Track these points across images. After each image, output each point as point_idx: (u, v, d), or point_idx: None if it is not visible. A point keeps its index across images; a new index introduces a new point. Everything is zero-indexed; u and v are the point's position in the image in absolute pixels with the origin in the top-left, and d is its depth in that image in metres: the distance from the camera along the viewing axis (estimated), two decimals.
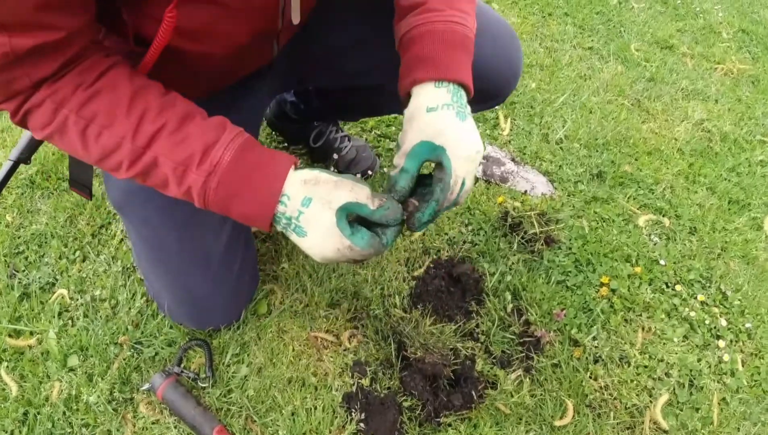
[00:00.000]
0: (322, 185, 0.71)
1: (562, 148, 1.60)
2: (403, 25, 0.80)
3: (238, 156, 0.70)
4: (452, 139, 0.73)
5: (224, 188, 0.70)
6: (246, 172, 0.70)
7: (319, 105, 1.36)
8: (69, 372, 1.15)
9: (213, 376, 1.11)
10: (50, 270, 1.32)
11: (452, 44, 0.77)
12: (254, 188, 0.71)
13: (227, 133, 0.71)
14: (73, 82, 0.68)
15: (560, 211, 1.41)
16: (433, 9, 0.78)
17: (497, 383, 1.14)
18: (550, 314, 1.24)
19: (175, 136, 0.69)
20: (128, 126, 0.69)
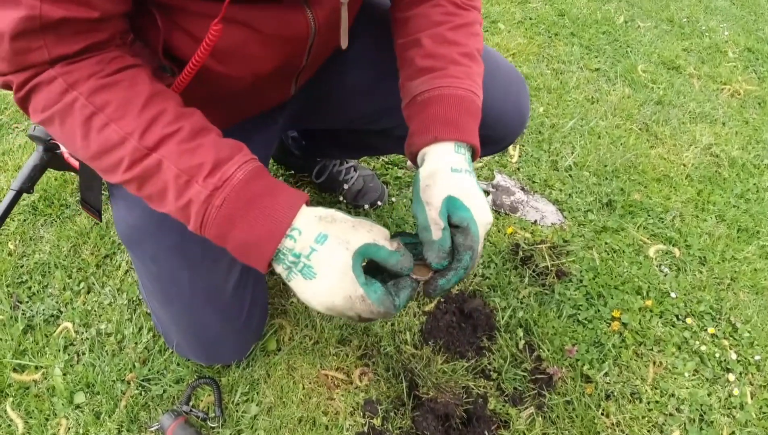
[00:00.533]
0: (339, 224, 0.66)
1: (572, 176, 1.61)
2: (419, 83, 0.81)
3: (250, 177, 0.65)
4: (477, 206, 0.74)
5: (229, 208, 0.64)
6: (255, 197, 0.64)
7: (322, 144, 1.36)
8: (76, 409, 1.15)
9: (222, 415, 1.10)
10: (54, 302, 1.31)
11: (470, 112, 0.79)
12: (263, 214, 0.64)
13: (243, 155, 0.67)
14: (91, 67, 0.64)
15: (571, 242, 1.41)
16: (455, 76, 0.80)
17: (509, 422, 1.14)
18: (562, 350, 1.24)
19: (186, 144, 0.65)
20: (139, 123, 0.64)
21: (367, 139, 1.19)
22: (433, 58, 0.81)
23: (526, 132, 1.72)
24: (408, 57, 0.84)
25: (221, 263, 1.00)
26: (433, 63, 0.81)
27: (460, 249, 0.73)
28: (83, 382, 1.17)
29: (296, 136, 1.40)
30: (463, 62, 0.82)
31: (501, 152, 1.68)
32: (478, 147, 0.79)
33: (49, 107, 0.65)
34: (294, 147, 1.41)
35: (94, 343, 1.22)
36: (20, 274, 1.37)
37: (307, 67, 0.89)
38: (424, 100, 0.80)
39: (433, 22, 0.84)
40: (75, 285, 1.34)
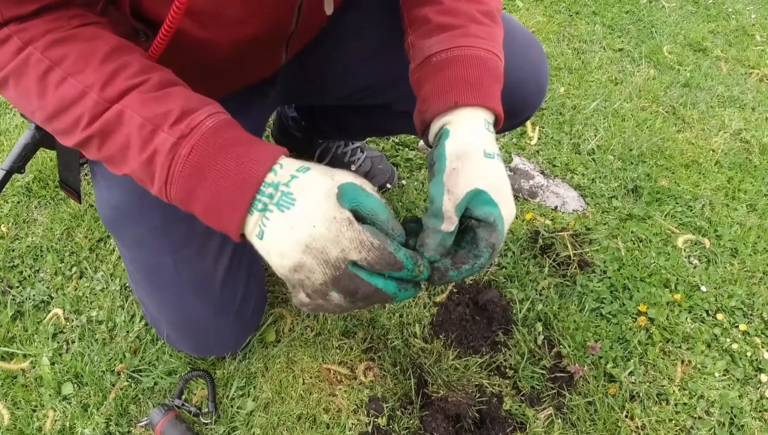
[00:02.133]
0: (323, 167, 0.57)
1: (595, 160, 1.49)
2: (435, 42, 0.69)
3: (221, 126, 0.56)
4: (505, 201, 0.62)
5: (198, 156, 0.54)
6: (228, 145, 0.55)
7: (322, 124, 1.26)
8: (63, 401, 1.07)
9: (216, 411, 1.02)
10: (45, 287, 1.23)
11: (494, 76, 0.68)
12: (237, 161, 0.54)
13: (214, 106, 0.58)
14: (49, 24, 0.57)
15: (594, 230, 1.30)
16: (476, 36, 0.69)
17: (526, 424, 1.04)
18: (584, 346, 1.14)
19: (152, 93, 0.57)
20: (99, 76, 0.56)
21: (369, 116, 1.09)
22: (452, 14, 0.70)
23: (545, 112, 1.61)
24: (420, 14, 0.72)
25: (209, 247, 0.91)
26: (452, 20, 0.69)
27: (481, 244, 0.61)
28: (71, 372, 1.09)
29: (296, 116, 1.30)
30: (485, 21, 0.71)
31: (519, 129, 1.57)
32: (501, 116, 0.67)
33: (2, 68, 0.57)
34: (294, 128, 1.31)
35: (84, 331, 1.14)
36: (12, 258, 1.29)
37: (297, 33, 0.79)
38: (441, 61, 0.68)
39: None
40: (67, 269, 1.26)
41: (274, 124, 1.40)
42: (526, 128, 1.56)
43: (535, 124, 1.57)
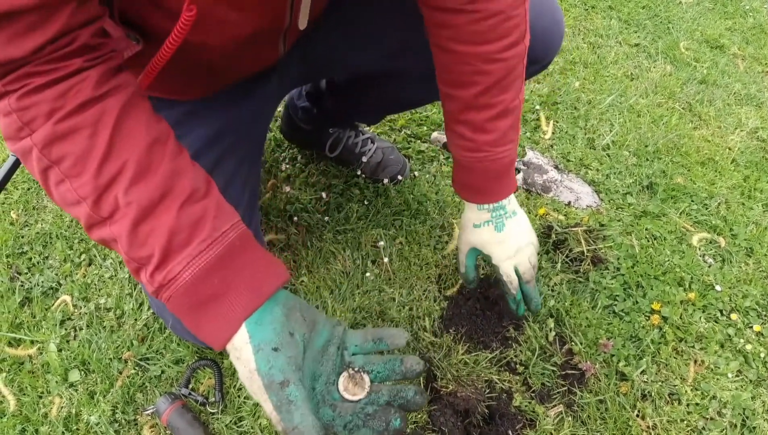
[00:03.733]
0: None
1: (609, 156, 1.47)
2: (455, 147, 0.92)
3: (197, 278, 0.56)
4: (494, 250, 0.98)
5: (174, 306, 0.58)
6: (199, 303, 0.57)
7: (333, 105, 1.25)
8: (69, 388, 1.07)
9: (223, 400, 1.01)
10: (54, 274, 1.23)
11: (497, 176, 0.92)
12: (206, 321, 0.58)
13: (198, 243, 0.57)
14: (49, 104, 0.54)
15: (608, 226, 1.28)
16: (484, 150, 0.88)
17: (536, 421, 1.02)
18: (596, 344, 1.12)
19: (138, 227, 0.56)
20: (93, 187, 0.56)
21: (386, 88, 1.10)
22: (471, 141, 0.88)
23: (560, 107, 1.59)
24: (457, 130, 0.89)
25: None
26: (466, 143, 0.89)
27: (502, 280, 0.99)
28: (79, 359, 1.09)
29: (306, 105, 1.28)
30: (492, 127, 0.86)
31: (533, 123, 1.56)
32: (503, 198, 0.95)
33: (10, 141, 0.57)
34: (304, 120, 1.29)
35: (92, 318, 1.14)
36: (21, 245, 1.29)
37: (293, 27, 0.78)
38: (456, 161, 0.94)
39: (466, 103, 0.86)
40: (76, 257, 1.25)
41: (282, 120, 1.38)
42: (540, 122, 1.54)
43: (549, 118, 1.55)
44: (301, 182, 1.25)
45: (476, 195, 0.95)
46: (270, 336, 0.55)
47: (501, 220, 0.96)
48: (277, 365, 0.54)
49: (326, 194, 1.20)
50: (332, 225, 1.18)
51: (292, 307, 0.59)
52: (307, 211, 1.19)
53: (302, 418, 0.52)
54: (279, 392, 0.53)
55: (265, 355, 0.54)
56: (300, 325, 0.58)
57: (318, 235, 1.17)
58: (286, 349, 0.55)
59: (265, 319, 0.56)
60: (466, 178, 0.94)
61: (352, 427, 0.56)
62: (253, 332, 0.55)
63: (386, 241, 1.17)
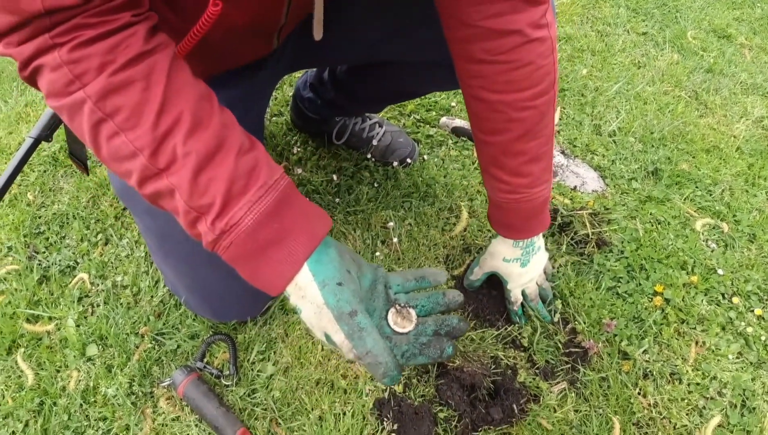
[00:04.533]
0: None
1: (616, 142, 1.50)
2: (492, 189, 0.98)
3: (258, 223, 0.59)
4: (513, 279, 1.09)
5: (235, 252, 0.60)
6: (260, 248, 0.60)
7: (335, 95, 1.28)
8: (87, 362, 1.11)
9: (237, 373, 1.05)
10: (71, 253, 1.27)
11: (533, 214, 0.99)
12: (266, 266, 0.60)
13: (258, 189, 0.59)
14: (100, 57, 0.54)
15: (613, 210, 1.31)
16: (519, 192, 0.94)
17: (540, 396, 1.06)
18: (599, 323, 1.15)
19: (198, 177, 0.57)
20: (150, 140, 0.57)
21: (381, 78, 1.13)
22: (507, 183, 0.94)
23: (567, 93, 1.61)
24: (494, 174, 0.94)
25: None
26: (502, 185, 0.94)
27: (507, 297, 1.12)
28: (96, 334, 1.13)
29: (312, 96, 1.31)
30: (527, 172, 0.91)
31: None
32: (535, 235, 1.03)
33: (57, 97, 0.57)
34: (310, 110, 1.32)
35: (109, 295, 1.18)
36: (38, 225, 1.33)
37: (288, 24, 0.81)
38: (492, 201, 1.00)
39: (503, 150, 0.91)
40: (92, 236, 1.29)
41: (291, 109, 1.41)
42: None
43: (556, 104, 1.57)
44: (312, 165, 1.29)
45: (512, 232, 1.02)
46: (332, 272, 0.59)
47: (528, 257, 1.05)
48: (344, 297, 0.58)
49: (337, 177, 1.23)
50: (343, 206, 1.22)
51: (342, 249, 0.63)
52: (319, 192, 1.23)
53: (374, 342, 0.57)
54: (350, 321, 0.57)
55: (331, 290, 0.58)
56: (351, 265, 0.62)
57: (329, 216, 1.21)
58: (348, 283, 0.59)
59: (323, 259, 0.60)
60: (503, 217, 1.00)
61: (409, 356, 0.61)
62: (316, 270, 0.59)
63: (396, 222, 1.21)
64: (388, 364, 0.57)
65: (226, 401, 1.03)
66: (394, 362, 0.58)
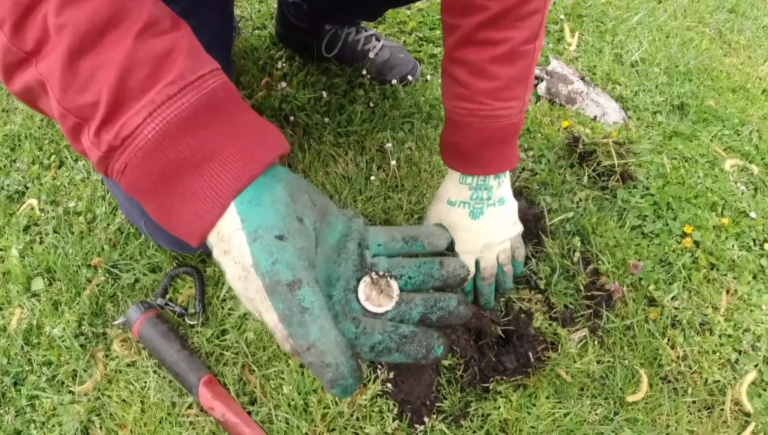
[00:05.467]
0: None
1: (638, 72, 1.29)
2: (448, 96, 0.75)
3: (162, 136, 0.37)
4: (460, 236, 0.80)
5: (132, 178, 0.39)
6: (168, 174, 0.38)
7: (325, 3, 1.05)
8: (32, 298, 0.91)
9: (204, 311, 0.85)
10: (21, 177, 1.06)
11: (491, 140, 0.74)
12: (179, 202, 0.39)
13: (164, 84, 0.37)
14: None
15: (637, 143, 1.11)
16: (479, 100, 0.71)
17: (558, 344, 0.87)
18: (625, 264, 0.96)
19: (77, 61, 0.37)
20: (12, 5, 0.37)
21: None
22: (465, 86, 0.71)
23: (585, 20, 1.40)
24: (451, 71, 0.72)
25: None
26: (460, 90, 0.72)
27: None
28: (43, 266, 0.93)
29: (297, 0, 1.09)
30: (493, 73, 0.69)
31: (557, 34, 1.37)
32: (490, 173, 0.77)
33: None
34: (295, 16, 1.10)
35: (60, 223, 0.97)
36: None
37: None
38: (448, 117, 0.77)
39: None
40: (45, 158, 1.08)
41: (276, 20, 1.18)
42: (564, 33, 1.35)
43: (573, 30, 1.36)
44: (299, 81, 1.08)
45: (461, 161, 0.77)
46: (272, 219, 0.37)
47: (480, 206, 0.78)
48: (284, 259, 0.36)
49: (327, 94, 1.02)
50: (333, 127, 1.01)
51: (297, 187, 0.40)
52: (305, 110, 1.02)
53: (321, 331, 0.35)
54: (288, 297, 0.35)
55: (265, 245, 0.36)
56: (310, 211, 0.40)
57: (317, 137, 1.00)
58: (295, 237, 0.37)
59: (262, 199, 0.38)
60: (453, 136, 0.76)
61: (381, 350, 0.39)
62: (247, 214, 0.37)
63: (394, 144, 1.00)
64: (339, 368, 0.35)
65: (191, 344, 0.84)
66: (348, 365, 0.36)
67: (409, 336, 0.39)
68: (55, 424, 0.82)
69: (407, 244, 0.44)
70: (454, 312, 0.41)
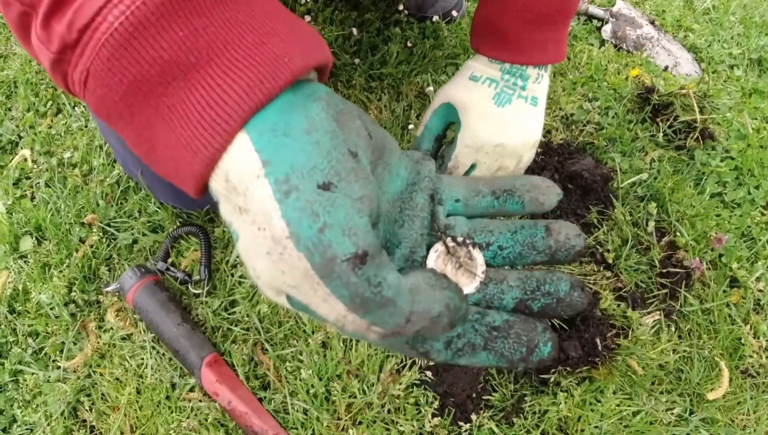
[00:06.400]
0: None
1: (712, 20, 1.09)
2: None
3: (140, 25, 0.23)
4: (470, 123, 0.59)
5: (99, 87, 0.24)
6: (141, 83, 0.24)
7: None
8: (20, 259, 0.76)
9: (210, 279, 0.70)
10: (14, 126, 0.91)
11: (537, 21, 0.55)
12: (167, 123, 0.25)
13: None
14: None
15: (715, 98, 0.92)
16: None
17: (628, 329, 0.70)
18: (705, 238, 0.78)
19: None
20: None
21: None
22: None
23: None
24: None
25: None
26: None
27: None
28: (33, 223, 0.78)
29: None
30: None
31: None
32: (530, 63, 0.57)
33: None
34: None
35: (53, 175, 0.82)
36: None
37: None
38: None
39: None
40: (41, 105, 0.93)
41: None
42: None
43: None
44: (325, 18, 0.89)
45: (495, 43, 0.57)
46: (311, 157, 0.23)
47: (510, 94, 0.58)
48: (337, 220, 0.22)
49: (357, 31, 0.84)
50: (364, 69, 0.83)
51: (343, 109, 0.25)
52: (333, 50, 0.84)
53: (411, 293, 0.23)
54: (352, 279, 0.22)
55: (305, 202, 0.22)
56: (365, 142, 0.26)
57: (345, 80, 0.82)
58: (351, 182, 0.23)
59: (293, 125, 0.23)
60: (489, 9, 0.56)
61: (462, 347, 0.26)
62: (271, 151, 0.23)
63: (436, 89, 0.83)
64: (449, 304, 0.24)
65: (194, 316, 0.68)
66: (455, 294, 0.24)
67: (502, 328, 0.26)
68: (41, 403, 0.67)
69: (498, 200, 0.30)
70: (566, 299, 0.27)
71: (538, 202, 0.29)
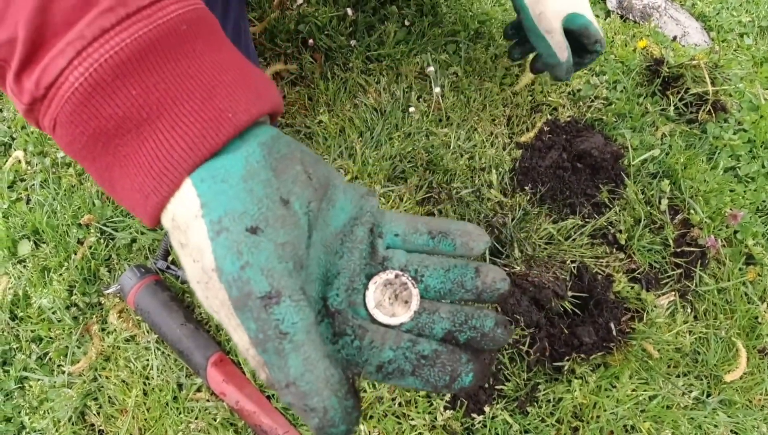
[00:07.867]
0: None
1: None
2: None
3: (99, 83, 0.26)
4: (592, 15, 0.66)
5: (66, 136, 0.28)
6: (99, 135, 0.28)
7: None
8: (18, 264, 0.75)
9: None
10: (6, 127, 0.89)
11: None
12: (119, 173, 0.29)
13: (98, 13, 0.26)
14: None
15: (726, 68, 0.88)
16: None
17: (643, 311, 0.68)
18: (720, 214, 0.76)
19: None
20: None
21: None
22: None
23: None
24: None
25: None
26: None
27: (589, 47, 0.64)
28: (30, 226, 0.76)
29: None
30: None
31: None
32: None
33: None
34: None
35: (47, 177, 0.80)
36: None
37: None
38: None
39: None
40: None
41: None
42: None
43: None
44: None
45: None
46: (243, 203, 0.26)
47: None
48: (258, 262, 0.25)
49: (353, 11, 0.81)
50: (361, 50, 0.80)
51: (285, 154, 0.29)
52: (327, 32, 0.81)
53: (305, 364, 0.25)
54: (261, 315, 0.24)
55: (232, 242, 0.25)
56: (302, 187, 0.28)
57: (342, 63, 0.79)
58: (276, 229, 0.26)
59: (232, 173, 0.26)
60: None
61: (391, 371, 0.28)
62: (208, 196, 0.26)
63: (437, 68, 0.79)
64: (327, 413, 0.25)
65: (197, 315, 0.67)
66: (340, 408, 0.25)
67: (430, 357, 0.28)
68: (48, 409, 0.66)
69: (433, 240, 0.32)
70: (489, 335, 0.29)
71: (468, 247, 0.31)
